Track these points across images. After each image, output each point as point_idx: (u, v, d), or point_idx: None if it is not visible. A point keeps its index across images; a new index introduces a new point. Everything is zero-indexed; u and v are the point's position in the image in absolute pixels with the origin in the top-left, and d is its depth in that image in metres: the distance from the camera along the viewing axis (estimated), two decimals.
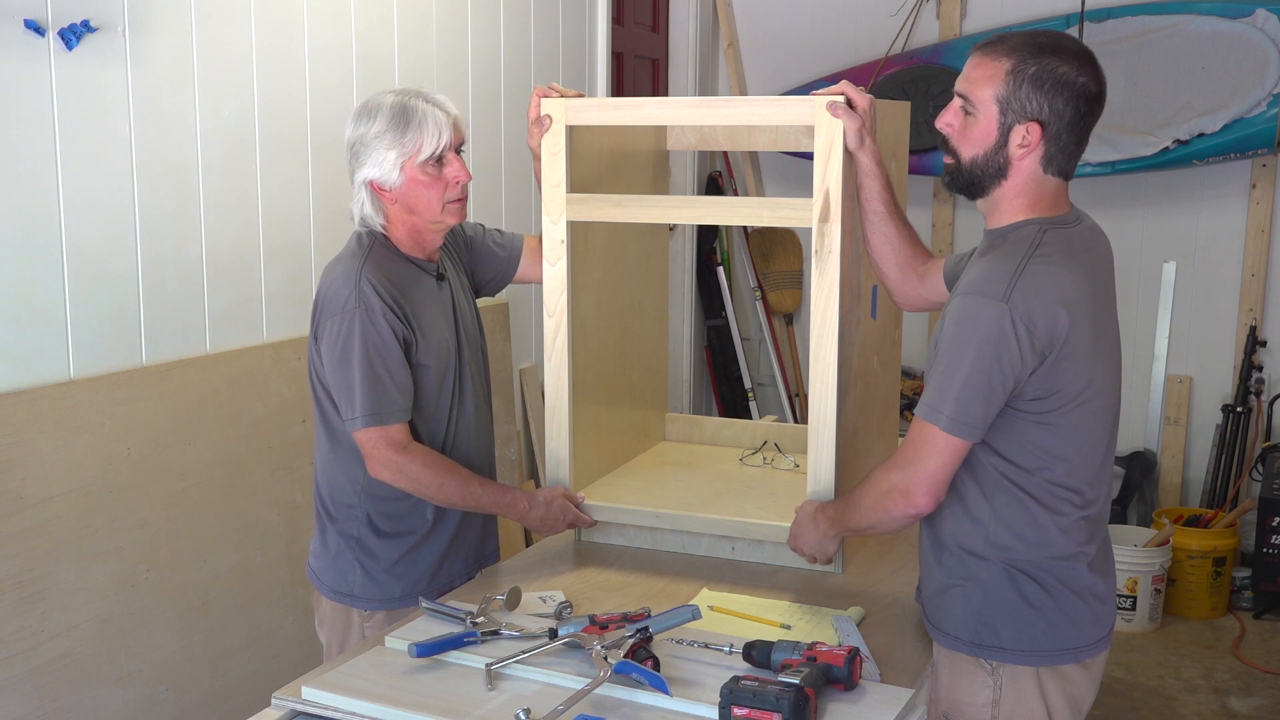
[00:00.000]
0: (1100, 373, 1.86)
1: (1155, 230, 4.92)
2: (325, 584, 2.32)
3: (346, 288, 2.18)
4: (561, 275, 2.39)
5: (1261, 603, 4.57)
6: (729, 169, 5.57)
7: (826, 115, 2.14)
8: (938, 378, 1.82)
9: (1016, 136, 1.84)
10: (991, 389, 1.78)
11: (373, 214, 2.24)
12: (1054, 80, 1.81)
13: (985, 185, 1.89)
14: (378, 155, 2.18)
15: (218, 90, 2.86)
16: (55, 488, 2.51)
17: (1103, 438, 1.91)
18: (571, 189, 2.36)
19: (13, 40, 2.38)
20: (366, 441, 2.18)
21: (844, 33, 5.27)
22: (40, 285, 2.48)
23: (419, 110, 2.19)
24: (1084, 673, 1.91)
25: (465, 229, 2.48)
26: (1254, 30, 4.50)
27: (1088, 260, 1.87)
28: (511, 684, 1.80)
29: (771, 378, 5.61)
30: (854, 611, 2.10)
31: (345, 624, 2.31)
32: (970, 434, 1.81)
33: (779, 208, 2.45)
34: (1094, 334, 1.84)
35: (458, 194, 2.24)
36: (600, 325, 2.57)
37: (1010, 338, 1.75)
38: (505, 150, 4.06)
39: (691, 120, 2.33)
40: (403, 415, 2.19)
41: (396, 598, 2.28)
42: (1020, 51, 1.83)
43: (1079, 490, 1.87)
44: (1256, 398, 4.81)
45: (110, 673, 2.64)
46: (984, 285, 1.79)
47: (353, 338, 2.15)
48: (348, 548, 2.29)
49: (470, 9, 3.85)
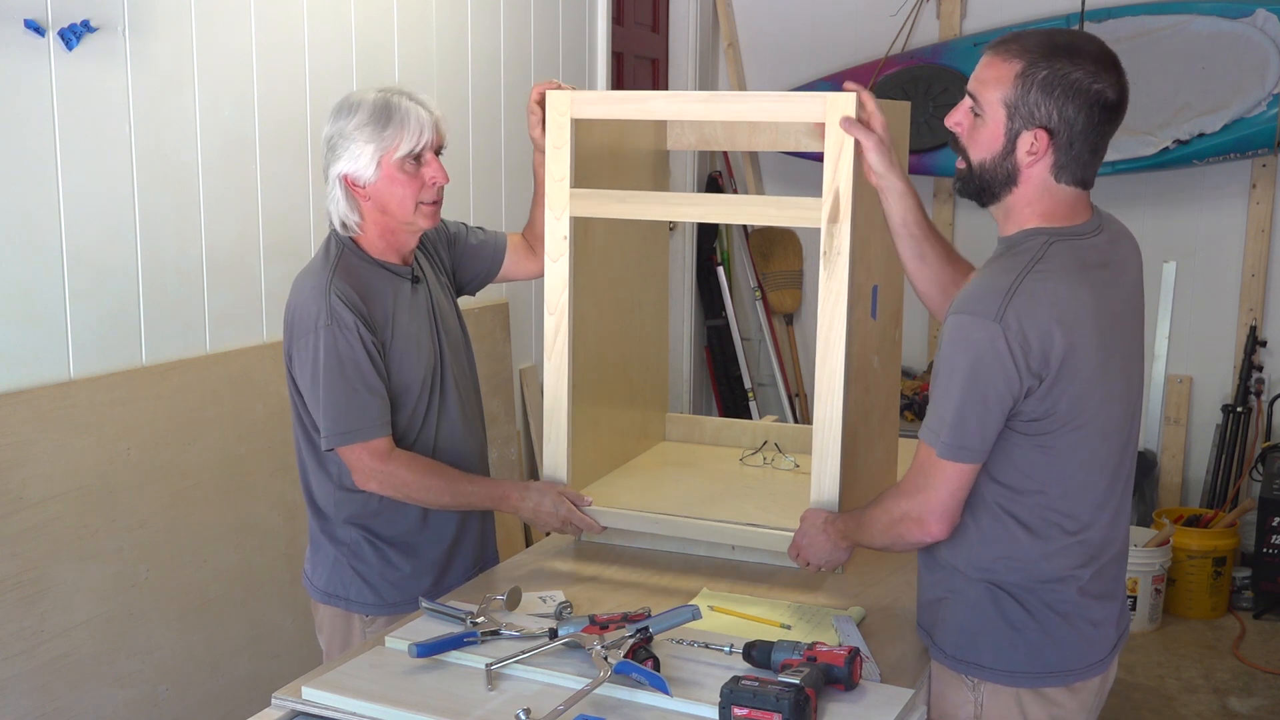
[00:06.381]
0: (1103, 393, 1.78)
1: (1155, 230, 4.91)
2: (319, 589, 2.31)
3: (315, 304, 2.15)
4: (564, 272, 2.36)
5: (1261, 603, 4.57)
6: (729, 169, 5.57)
7: (837, 112, 2.09)
8: (935, 400, 1.79)
9: (1024, 144, 1.76)
10: (987, 410, 1.73)
11: (347, 212, 2.20)
12: (1065, 86, 1.72)
13: (996, 192, 1.82)
14: (355, 149, 2.15)
15: (218, 90, 2.86)
16: (55, 488, 2.51)
17: (1107, 460, 1.83)
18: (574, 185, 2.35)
19: (13, 40, 2.38)
20: (350, 456, 2.17)
21: (844, 33, 5.27)
22: (40, 285, 2.48)
23: (401, 107, 2.16)
24: (1072, 696, 1.86)
25: (448, 226, 2.46)
26: (1254, 30, 4.50)
27: (1100, 275, 1.78)
28: (511, 684, 1.80)
29: (771, 378, 5.61)
30: (854, 611, 2.10)
31: (346, 629, 2.31)
32: (971, 457, 1.77)
33: (787, 207, 2.43)
34: (1101, 353, 1.76)
35: (433, 196, 2.21)
36: (600, 325, 2.56)
37: (1005, 358, 1.70)
38: (505, 150, 4.06)
39: (699, 115, 2.31)
40: (384, 428, 2.18)
41: (396, 603, 2.27)
42: (1033, 53, 1.74)
43: (1073, 514, 1.81)
44: (1256, 398, 4.81)
45: (110, 673, 2.64)
46: (977, 304, 1.73)
47: (328, 354, 2.13)
48: (343, 556, 2.28)
49: (470, 8, 3.85)
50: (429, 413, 2.28)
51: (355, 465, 2.18)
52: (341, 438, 2.15)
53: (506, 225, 4.05)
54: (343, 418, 2.14)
